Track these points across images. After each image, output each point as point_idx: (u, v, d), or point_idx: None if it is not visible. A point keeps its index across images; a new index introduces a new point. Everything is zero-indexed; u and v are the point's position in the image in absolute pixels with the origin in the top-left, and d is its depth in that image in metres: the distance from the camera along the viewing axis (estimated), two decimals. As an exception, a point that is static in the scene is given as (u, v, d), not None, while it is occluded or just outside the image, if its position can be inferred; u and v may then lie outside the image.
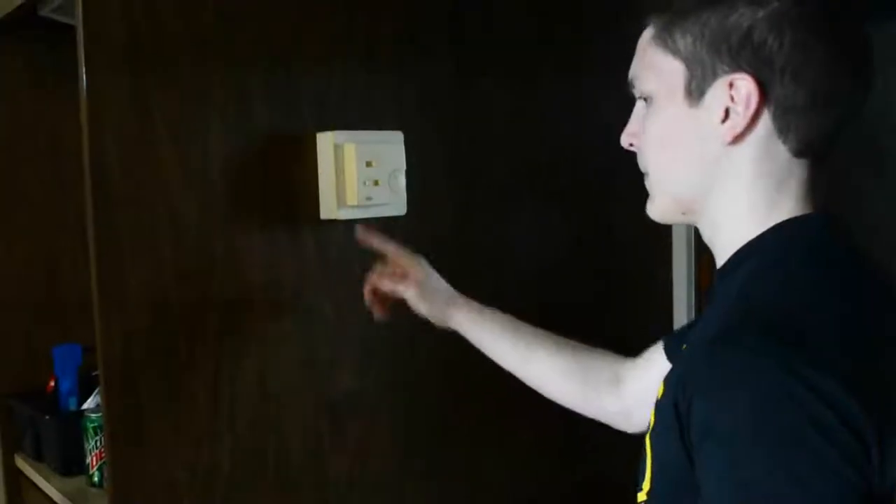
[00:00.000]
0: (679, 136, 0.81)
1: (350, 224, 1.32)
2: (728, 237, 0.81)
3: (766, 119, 0.76)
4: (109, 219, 1.16)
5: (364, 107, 1.38)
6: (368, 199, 1.32)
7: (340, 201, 1.31)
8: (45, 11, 1.56)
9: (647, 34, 0.83)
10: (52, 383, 1.76)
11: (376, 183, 1.33)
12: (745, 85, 0.74)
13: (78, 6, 1.13)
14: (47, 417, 1.68)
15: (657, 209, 0.86)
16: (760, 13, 0.74)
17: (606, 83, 0.88)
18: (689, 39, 0.77)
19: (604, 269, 1.79)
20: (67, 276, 1.88)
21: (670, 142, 0.82)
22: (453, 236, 1.52)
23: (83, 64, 1.13)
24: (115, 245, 1.16)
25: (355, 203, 1.31)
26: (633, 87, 0.86)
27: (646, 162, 0.86)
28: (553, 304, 1.61)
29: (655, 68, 0.81)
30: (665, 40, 0.80)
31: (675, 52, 0.79)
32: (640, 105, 0.86)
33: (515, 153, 1.61)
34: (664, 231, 1.87)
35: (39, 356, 1.81)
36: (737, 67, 0.75)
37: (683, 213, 0.85)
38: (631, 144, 0.88)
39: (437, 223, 1.49)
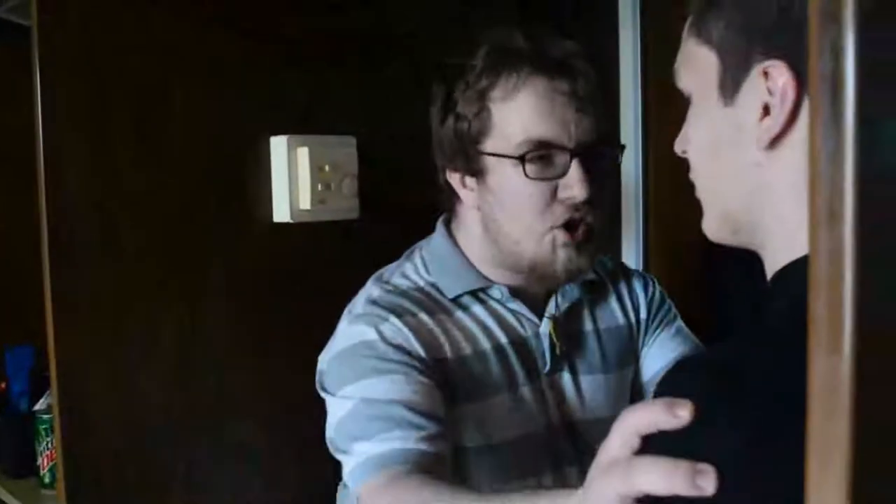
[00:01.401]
0: (718, 142, 0.68)
1: (303, 227, 1.33)
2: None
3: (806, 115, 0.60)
4: (62, 222, 1.16)
5: (318, 111, 1.40)
6: (321, 202, 1.34)
7: (293, 205, 1.32)
8: (0, 12, 1.55)
9: (687, 22, 0.71)
10: (3, 385, 1.75)
11: (329, 187, 1.34)
12: (780, 74, 0.61)
13: (33, 7, 1.13)
14: (-2, 419, 1.67)
15: (708, 226, 0.74)
16: None
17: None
18: (722, 24, 0.65)
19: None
20: (22, 278, 1.86)
21: (711, 148, 0.70)
22: (406, 241, 1.53)
23: (37, 66, 1.14)
24: (67, 248, 1.17)
25: (308, 207, 1.32)
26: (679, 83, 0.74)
27: (693, 171, 0.74)
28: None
29: (692, 61, 0.70)
30: (699, 28, 0.68)
31: (709, 41, 0.67)
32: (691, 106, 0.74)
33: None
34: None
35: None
36: (770, 54, 0.61)
37: (734, 233, 0.71)
38: (684, 151, 0.75)
39: (390, 227, 1.50)
